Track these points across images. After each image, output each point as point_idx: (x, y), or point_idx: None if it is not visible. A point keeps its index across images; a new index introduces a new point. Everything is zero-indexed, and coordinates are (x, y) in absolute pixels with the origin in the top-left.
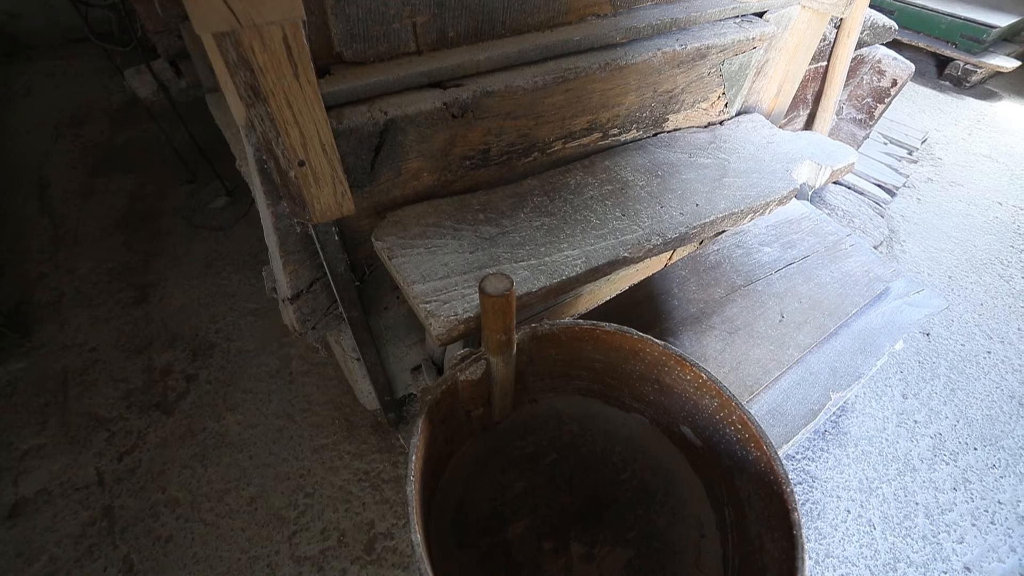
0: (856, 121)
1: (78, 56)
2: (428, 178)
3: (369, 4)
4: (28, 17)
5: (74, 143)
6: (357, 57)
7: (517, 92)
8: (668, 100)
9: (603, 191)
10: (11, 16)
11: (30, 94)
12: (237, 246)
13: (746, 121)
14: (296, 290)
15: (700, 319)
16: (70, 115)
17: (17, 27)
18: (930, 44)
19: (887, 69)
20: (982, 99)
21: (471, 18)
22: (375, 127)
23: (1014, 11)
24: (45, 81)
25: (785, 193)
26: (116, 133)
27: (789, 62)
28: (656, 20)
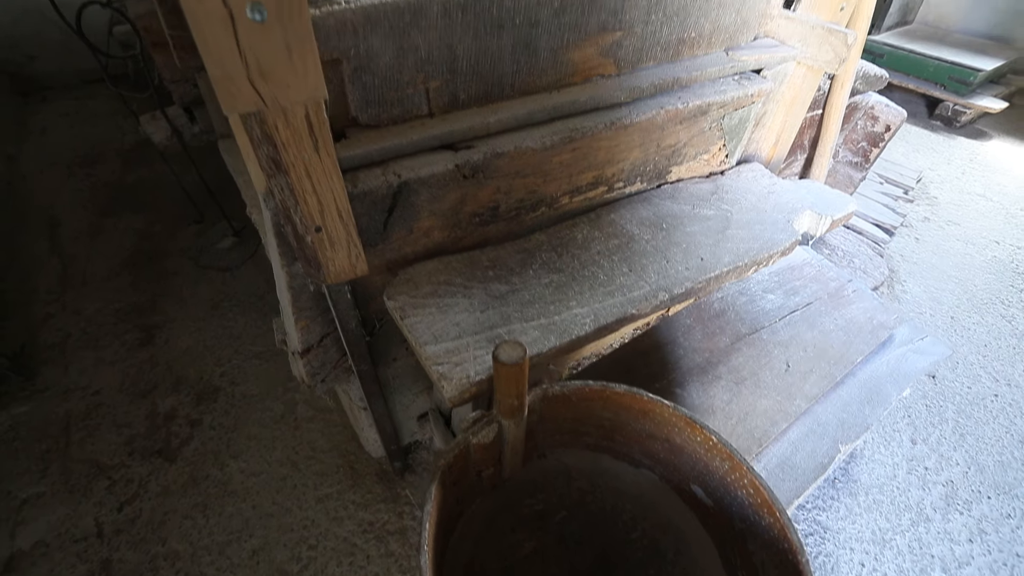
0: (852, 164)
1: (93, 97)
2: (439, 235)
3: (385, 72)
4: (45, 59)
5: (86, 182)
6: (372, 121)
7: (526, 152)
8: (671, 154)
9: (609, 245)
10: (29, 58)
11: (45, 134)
12: (243, 287)
13: (746, 171)
14: (307, 345)
15: (706, 369)
16: (83, 155)
17: (34, 68)
18: (919, 86)
19: (880, 115)
20: (973, 138)
21: (482, 82)
22: (389, 189)
23: (997, 55)
24: (60, 121)
25: (787, 245)
26: (127, 173)
27: (786, 113)
28: (659, 80)
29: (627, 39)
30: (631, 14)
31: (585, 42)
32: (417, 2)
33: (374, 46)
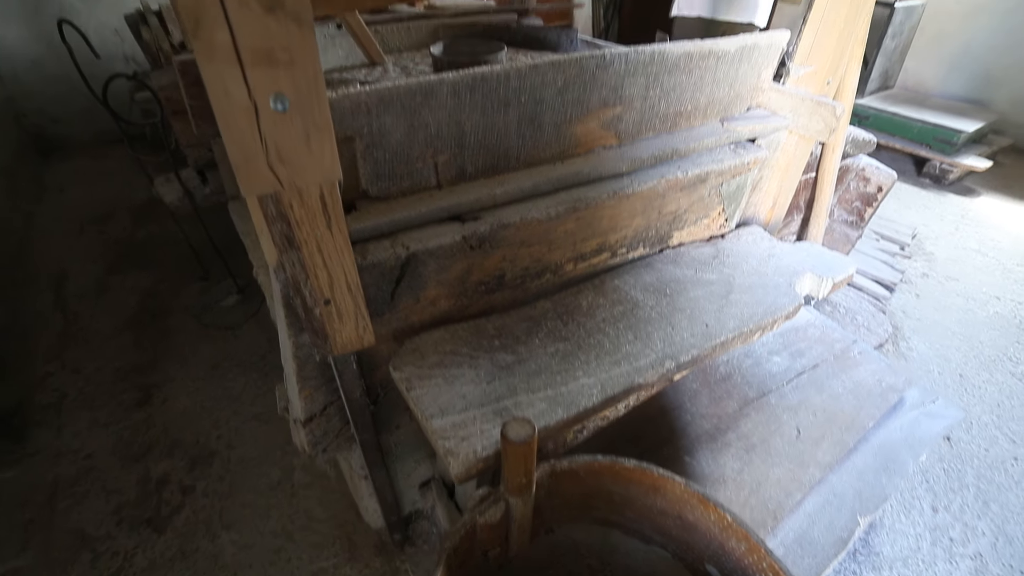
0: (848, 223)
1: (109, 156)
2: (445, 303)
3: (396, 148)
4: (68, 122)
5: (97, 239)
6: (382, 193)
7: (532, 223)
8: (672, 220)
9: (614, 312)
10: (53, 120)
11: (61, 191)
12: (245, 346)
13: (746, 234)
14: (310, 413)
15: (715, 436)
16: (96, 212)
17: (57, 130)
18: (906, 146)
19: (871, 177)
20: (962, 195)
21: (488, 155)
22: (397, 261)
23: (977, 117)
24: (77, 179)
25: (791, 309)
26: (137, 230)
27: (782, 179)
28: (658, 151)
29: (627, 113)
30: (630, 90)
31: (587, 117)
32: (428, 84)
33: (386, 124)
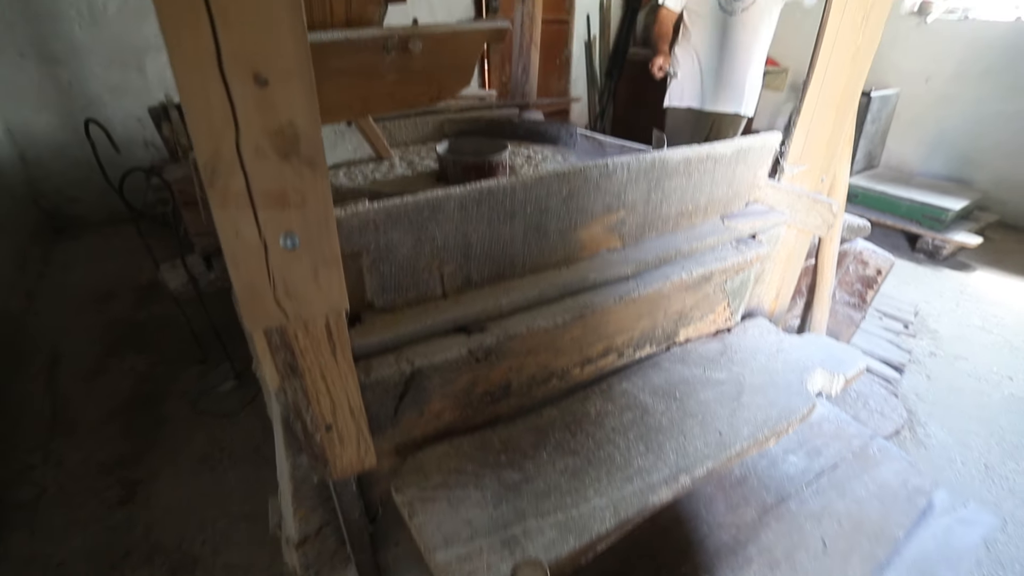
0: (851, 304)
1: (120, 234)
2: (450, 415)
3: (402, 261)
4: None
5: (97, 319)
6: (387, 305)
7: (539, 332)
8: (678, 318)
9: (624, 420)
10: (71, 201)
11: (67, 269)
12: (239, 435)
13: (752, 327)
14: (304, 535)
15: (735, 549)
16: (99, 290)
17: (73, 209)
18: (897, 222)
19: (869, 260)
20: (958, 270)
21: (494, 264)
22: (401, 377)
23: (962, 195)
24: (84, 257)
25: (805, 411)
26: (139, 310)
27: (784, 270)
28: (662, 252)
29: (630, 216)
30: (633, 195)
31: (592, 222)
32: (436, 199)
33: (394, 239)
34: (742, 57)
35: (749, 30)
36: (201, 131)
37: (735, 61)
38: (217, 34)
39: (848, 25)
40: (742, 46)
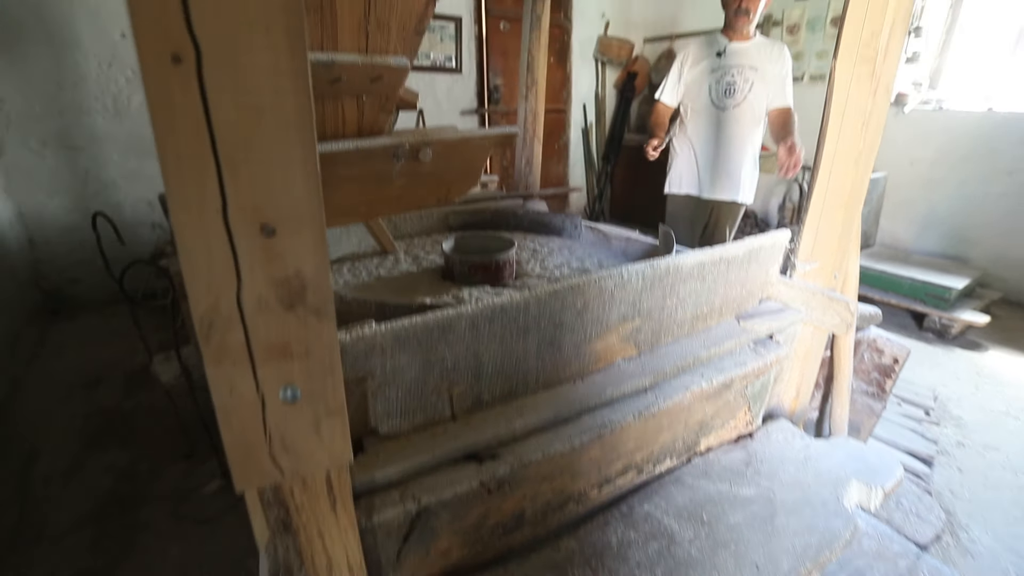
0: (869, 394)
1: (116, 316)
2: (458, 553)
3: (409, 384)
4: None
5: (81, 408)
6: (392, 431)
7: (555, 457)
8: (699, 428)
9: (649, 552)
10: (72, 281)
11: (60, 352)
12: (222, 547)
13: (775, 431)
14: None
15: None
16: (89, 376)
17: (74, 290)
18: (901, 301)
19: (884, 348)
20: (970, 350)
21: (506, 381)
22: (406, 517)
23: (962, 273)
24: (78, 339)
25: (847, 535)
26: (127, 397)
27: (802, 368)
28: (680, 359)
29: (646, 324)
30: (648, 303)
31: (607, 333)
32: (447, 318)
33: (401, 363)
34: (736, 149)
35: (742, 125)
36: (199, 285)
37: (730, 153)
38: (224, 185)
39: (849, 132)
40: (735, 139)
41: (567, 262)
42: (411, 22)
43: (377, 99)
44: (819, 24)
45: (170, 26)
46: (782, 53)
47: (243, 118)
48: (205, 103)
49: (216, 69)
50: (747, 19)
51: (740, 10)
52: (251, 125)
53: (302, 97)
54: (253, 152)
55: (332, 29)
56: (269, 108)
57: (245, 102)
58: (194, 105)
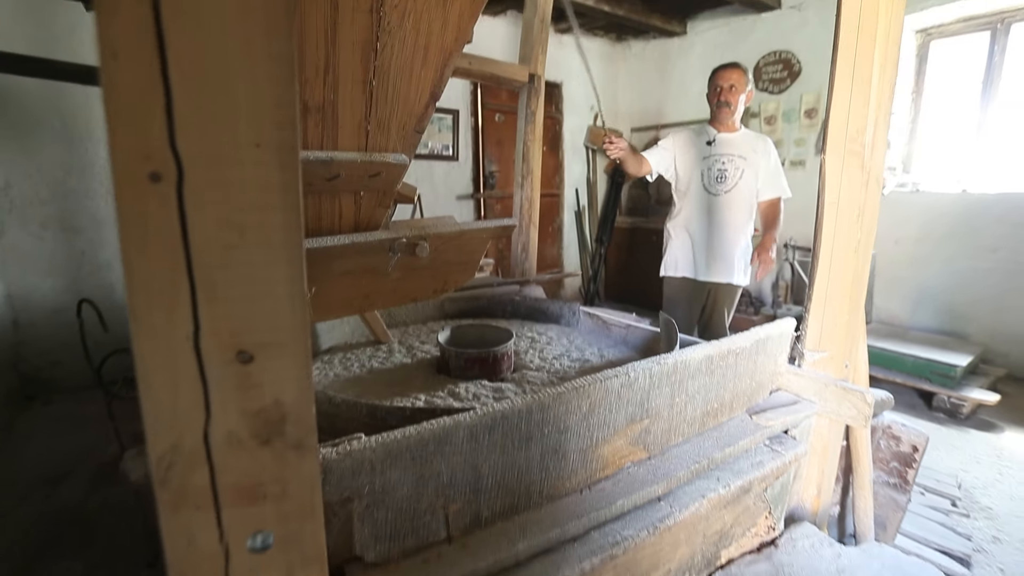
0: (891, 485)
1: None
2: None
3: (400, 504)
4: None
5: (38, 507)
6: (379, 558)
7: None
8: (719, 539)
9: None
10: (52, 364)
11: (28, 440)
12: None
13: (800, 537)
14: None
15: None
16: (54, 467)
17: (54, 372)
18: (907, 380)
19: (901, 435)
20: (984, 431)
21: (507, 495)
22: None
23: (964, 350)
24: (50, 427)
25: None
26: (92, 494)
27: (821, 463)
28: (694, 463)
29: (655, 424)
30: (656, 401)
31: (614, 436)
32: (443, 429)
33: (391, 480)
34: (730, 233)
35: (733, 209)
36: (161, 422)
37: (724, 236)
38: (198, 308)
39: (845, 222)
40: (729, 223)
41: (567, 352)
42: (411, 122)
43: (375, 194)
44: (794, 115)
45: (152, 143)
46: (767, 146)
47: (224, 236)
48: (183, 221)
49: (198, 186)
50: (729, 111)
51: (721, 103)
52: (233, 243)
53: (291, 213)
54: (233, 272)
55: (333, 129)
56: (254, 225)
57: (228, 219)
58: (171, 223)
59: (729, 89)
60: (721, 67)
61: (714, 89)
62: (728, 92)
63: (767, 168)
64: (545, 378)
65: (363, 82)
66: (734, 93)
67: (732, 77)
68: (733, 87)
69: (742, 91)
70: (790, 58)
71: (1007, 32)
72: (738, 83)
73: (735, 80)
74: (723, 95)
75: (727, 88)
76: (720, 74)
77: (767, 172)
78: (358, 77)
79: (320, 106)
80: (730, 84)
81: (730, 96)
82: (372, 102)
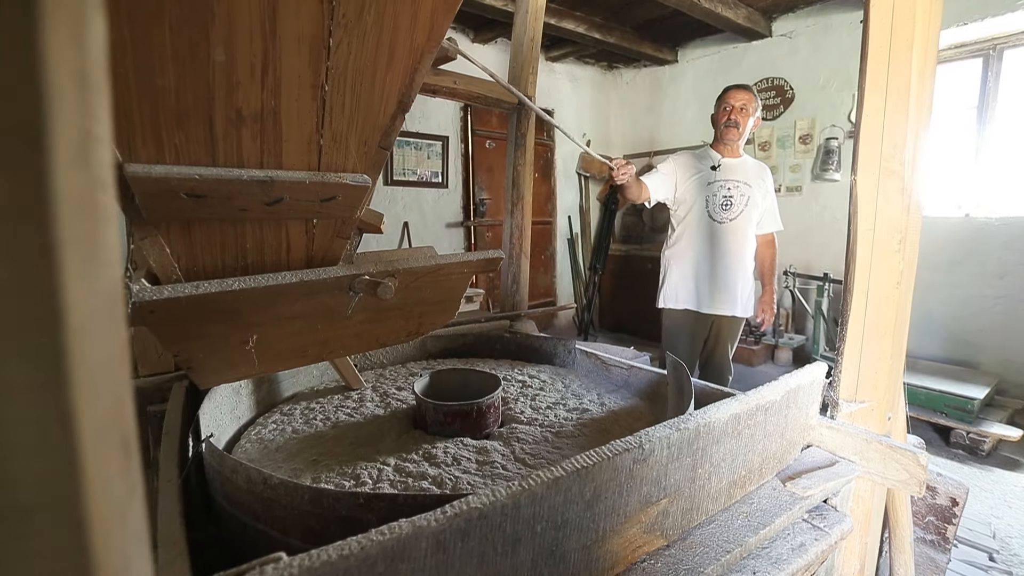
0: (928, 543)
1: None
2: None
3: None
4: None
5: None
6: None
7: None
8: None
9: None
10: None
11: None
12: None
13: None
14: None
15: None
16: None
17: None
18: (920, 414)
19: (937, 486)
20: (1009, 469)
21: None
22: None
23: (978, 381)
24: None
25: None
26: None
27: (863, 534)
28: (722, 553)
29: (674, 504)
30: (676, 476)
31: (625, 524)
32: (397, 542)
33: None
34: (733, 262)
35: (738, 238)
36: None
37: (727, 266)
38: None
39: (883, 252)
40: (732, 253)
41: (562, 399)
42: (374, 137)
43: (331, 223)
44: (788, 142)
45: None
46: (768, 175)
47: None
48: None
49: None
50: (737, 132)
51: (730, 122)
52: None
53: None
54: None
55: (275, 143)
56: None
57: None
58: None
59: (740, 109)
60: (732, 87)
61: (723, 109)
62: (739, 112)
63: (767, 200)
64: (538, 434)
65: (313, 86)
66: (744, 114)
67: (743, 97)
68: (744, 107)
69: (752, 113)
70: (782, 84)
71: (1000, 58)
72: (748, 104)
73: (746, 101)
74: (733, 115)
75: (738, 108)
76: (731, 94)
77: (767, 204)
78: (306, 80)
79: (258, 114)
80: (741, 104)
81: (740, 117)
82: (325, 111)
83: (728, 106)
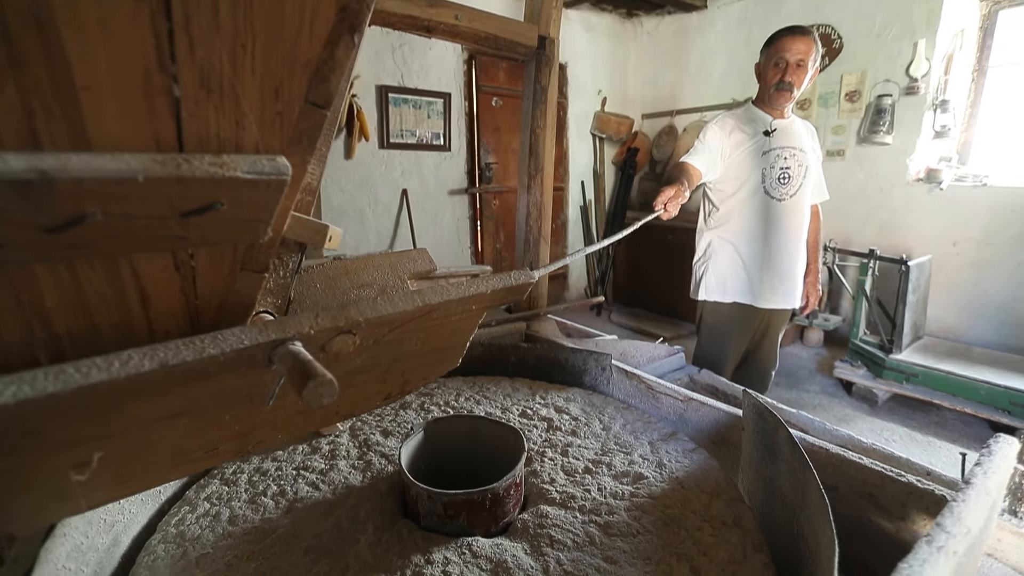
0: None
1: None
2: None
3: None
4: None
5: None
6: None
7: None
8: None
9: None
10: None
11: None
12: None
13: None
14: None
15: None
16: None
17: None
18: (978, 411)
19: None
20: None
21: None
22: None
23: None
24: None
25: None
26: None
27: None
28: None
29: None
30: None
31: None
32: None
33: None
34: (793, 247)
35: (799, 216)
36: None
37: (787, 251)
38: None
39: None
40: (792, 235)
41: (604, 454)
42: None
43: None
44: (832, 99)
45: None
46: (815, 136)
47: None
48: None
49: None
50: (789, 96)
51: (783, 84)
52: None
53: None
54: None
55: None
56: None
57: None
58: None
59: (796, 66)
60: (787, 32)
61: (774, 64)
62: (794, 70)
63: (818, 165)
64: (579, 527)
65: None
66: (801, 71)
67: (801, 49)
68: (801, 63)
69: (809, 70)
70: (829, 33)
71: None
72: (807, 58)
73: (803, 53)
74: (788, 73)
75: (793, 64)
76: (785, 43)
77: (817, 171)
78: None
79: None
80: (798, 59)
81: (796, 76)
82: (173, 24)
83: (782, 60)
